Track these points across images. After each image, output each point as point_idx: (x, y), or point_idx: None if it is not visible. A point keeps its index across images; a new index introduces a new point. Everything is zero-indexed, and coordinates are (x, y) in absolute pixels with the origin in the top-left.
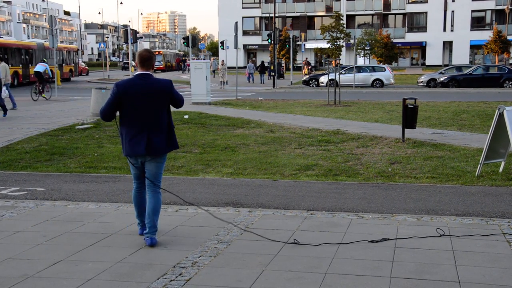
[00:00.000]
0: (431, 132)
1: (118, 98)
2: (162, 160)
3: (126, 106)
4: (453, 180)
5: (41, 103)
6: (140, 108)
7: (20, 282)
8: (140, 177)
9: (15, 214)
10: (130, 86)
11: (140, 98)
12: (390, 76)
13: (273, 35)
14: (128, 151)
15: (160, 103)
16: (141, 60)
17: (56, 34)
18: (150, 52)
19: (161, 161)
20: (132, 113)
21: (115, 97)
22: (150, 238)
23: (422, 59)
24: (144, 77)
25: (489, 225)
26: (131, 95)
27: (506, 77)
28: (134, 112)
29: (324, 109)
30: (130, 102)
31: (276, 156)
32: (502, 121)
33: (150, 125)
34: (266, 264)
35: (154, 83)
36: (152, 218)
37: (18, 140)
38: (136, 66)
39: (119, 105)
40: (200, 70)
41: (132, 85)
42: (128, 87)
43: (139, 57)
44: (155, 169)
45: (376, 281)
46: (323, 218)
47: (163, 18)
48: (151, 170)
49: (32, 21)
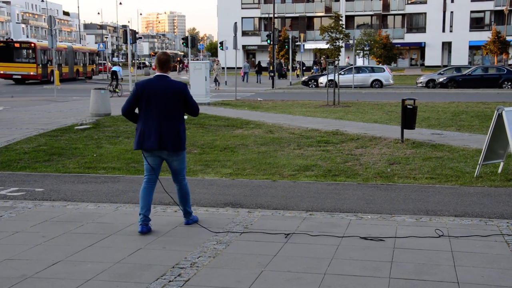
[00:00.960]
0: (430, 133)
1: (136, 96)
2: (181, 156)
3: (143, 103)
4: (452, 180)
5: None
6: (155, 105)
7: (19, 282)
8: (151, 170)
9: (14, 214)
10: (148, 85)
11: (155, 96)
12: (389, 77)
13: (272, 35)
14: (139, 144)
15: (173, 103)
16: (159, 63)
17: (55, 34)
18: (167, 55)
19: (180, 159)
20: (147, 110)
21: (134, 95)
22: (186, 221)
23: (421, 59)
24: (161, 78)
25: (488, 226)
26: (147, 93)
27: (505, 78)
28: (150, 109)
29: (323, 110)
30: (147, 100)
31: (275, 156)
32: (501, 122)
33: (163, 121)
34: (265, 265)
35: (169, 83)
36: (183, 206)
37: (17, 141)
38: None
39: (138, 103)
40: (199, 70)
41: (150, 85)
42: (145, 86)
43: (157, 60)
44: (178, 165)
45: (375, 282)
46: (322, 219)
47: (162, 19)
48: (174, 167)
49: (31, 22)
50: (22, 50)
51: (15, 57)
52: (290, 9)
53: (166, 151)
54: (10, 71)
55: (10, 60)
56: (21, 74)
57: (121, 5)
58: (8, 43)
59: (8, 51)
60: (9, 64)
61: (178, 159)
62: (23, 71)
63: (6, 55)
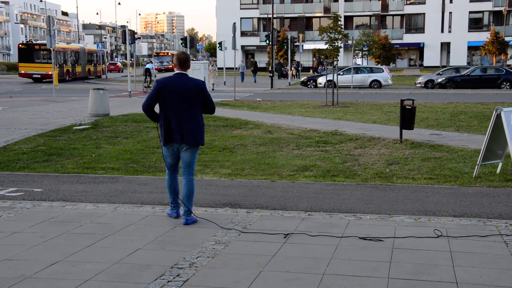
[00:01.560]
0: (428, 133)
1: (157, 92)
2: (195, 150)
3: (164, 100)
4: (451, 181)
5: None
6: (176, 101)
7: (18, 283)
8: (172, 165)
9: (12, 215)
10: (168, 82)
11: (176, 93)
12: (388, 77)
13: (271, 36)
14: (166, 140)
15: (193, 98)
16: (179, 61)
17: (54, 34)
18: (187, 54)
19: (194, 151)
20: (169, 106)
21: (155, 91)
22: (185, 219)
23: (420, 60)
24: (181, 75)
25: (487, 226)
26: (169, 89)
27: (504, 78)
28: (171, 104)
29: (322, 110)
30: (167, 96)
31: (274, 157)
32: (500, 122)
33: (184, 117)
34: (264, 265)
35: (189, 80)
36: (186, 203)
37: (16, 141)
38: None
39: (158, 99)
40: (198, 71)
41: (170, 81)
42: (166, 82)
43: (178, 59)
44: (190, 158)
45: (373, 282)
46: (321, 219)
47: (161, 19)
48: (186, 159)
49: (30, 22)
50: (41, 52)
51: (35, 58)
52: (289, 9)
53: (186, 145)
54: (30, 70)
55: (30, 60)
56: (40, 74)
57: (120, 5)
58: (29, 45)
59: (28, 53)
60: (30, 64)
61: (194, 151)
62: (42, 71)
63: (27, 56)
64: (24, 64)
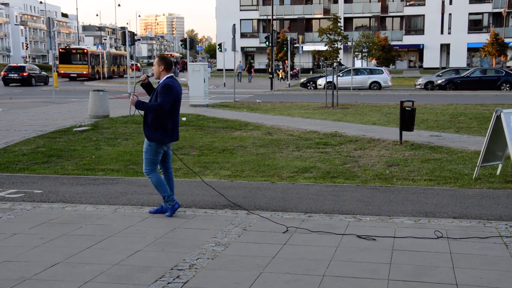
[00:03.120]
0: (428, 135)
1: (176, 95)
2: None
3: (175, 103)
4: (451, 182)
5: (39, 105)
6: (179, 103)
7: (17, 284)
8: (161, 161)
9: (12, 216)
10: (178, 86)
11: (180, 95)
12: (388, 79)
13: (270, 37)
14: (171, 138)
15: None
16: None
17: (54, 36)
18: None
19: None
20: (177, 107)
21: (174, 96)
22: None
23: (419, 61)
24: (175, 79)
25: (487, 228)
26: (178, 92)
27: (503, 80)
28: (176, 106)
29: (321, 112)
30: (179, 99)
31: (274, 158)
32: (500, 124)
33: (177, 117)
34: (264, 267)
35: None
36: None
37: (16, 142)
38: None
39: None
40: (198, 72)
41: (178, 85)
42: (177, 87)
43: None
44: (170, 152)
45: (373, 284)
46: (320, 221)
47: (161, 20)
48: (170, 153)
49: (29, 23)
50: (77, 55)
51: (72, 60)
52: (288, 11)
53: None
54: (68, 70)
55: (68, 62)
56: (77, 73)
57: (120, 7)
58: (67, 50)
59: (67, 56)
60: (68, 65)
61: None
62: (78, 71)
63: (66, 59)
64: (64, 66)
